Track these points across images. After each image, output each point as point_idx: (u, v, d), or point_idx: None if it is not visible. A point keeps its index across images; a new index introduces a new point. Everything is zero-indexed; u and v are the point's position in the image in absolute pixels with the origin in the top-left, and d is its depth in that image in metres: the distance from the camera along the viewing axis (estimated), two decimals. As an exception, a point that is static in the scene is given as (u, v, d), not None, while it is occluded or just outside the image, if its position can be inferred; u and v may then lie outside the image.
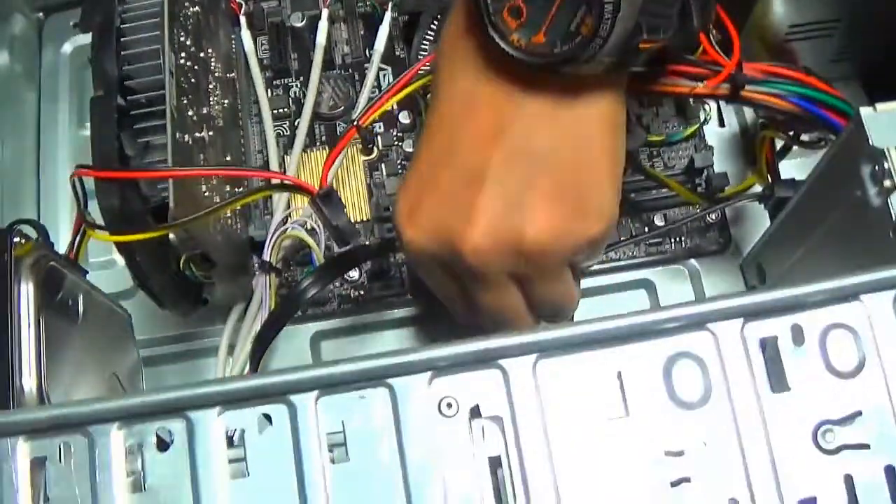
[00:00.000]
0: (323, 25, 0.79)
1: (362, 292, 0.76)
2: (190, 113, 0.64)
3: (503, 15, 0.50)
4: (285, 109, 0.81)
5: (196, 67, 0.67)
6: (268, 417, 0.46)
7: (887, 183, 0.53)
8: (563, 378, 0.47)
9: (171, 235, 0.63)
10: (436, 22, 0.76)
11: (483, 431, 0.46)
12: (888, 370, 0.47)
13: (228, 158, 0.72)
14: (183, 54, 0.65)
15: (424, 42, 0.76)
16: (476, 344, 0.47)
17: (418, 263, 0.59)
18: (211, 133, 0.68)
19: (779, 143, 0.70)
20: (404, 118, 0.78)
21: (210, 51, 0.71)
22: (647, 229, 0.76)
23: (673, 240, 0.77)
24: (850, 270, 0.58)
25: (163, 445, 0.45)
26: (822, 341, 0.47)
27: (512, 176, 0.53)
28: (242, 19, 0.80)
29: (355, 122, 0.64)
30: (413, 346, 0.45)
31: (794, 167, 0.73)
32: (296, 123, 0.79)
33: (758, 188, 0.71)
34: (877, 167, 0.53)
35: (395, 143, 0.79)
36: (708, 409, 0.46)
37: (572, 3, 0.48)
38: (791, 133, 0.65)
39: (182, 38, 0.65)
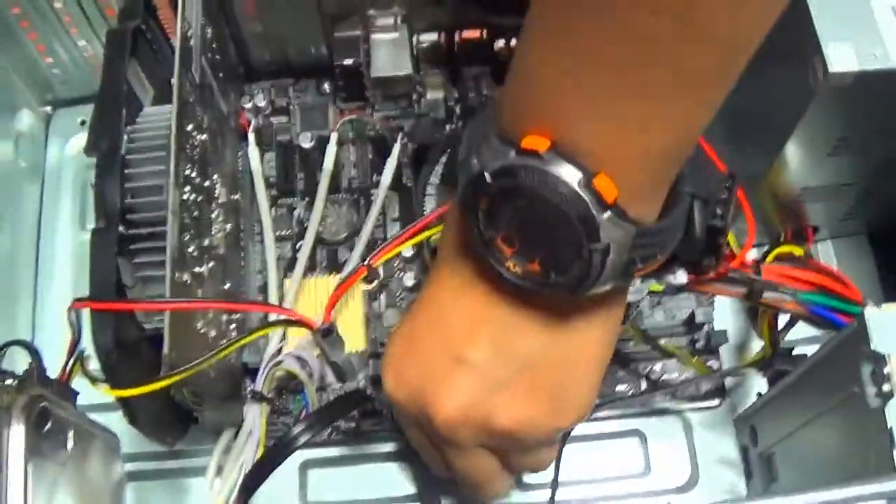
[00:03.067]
0: (331, 149, 0.79)
1: (353, 425, 0.76)
2: (191, 249, 0.64)
3: (497, 242, 0.50)
4: (288, 232, 0.80)
5: (200, 199, 0.66)
6: None
7: (886, 387, 0.52)
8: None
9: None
10: (445, 155, 0.76)
11: None
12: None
13: (227, 286, 0.72)
14: (187, 188, 0.64)
15: (431, 178, 0.76)
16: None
17: (396, 413, 0.62)
18: (211, 264, 0.68)
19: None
20: (407, 251, 0.77)
21: (215, 177, 0.71)
22: (642, 382, 0.76)
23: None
24: (845, 463, 0.58)
25: None
26: (809, 554, 0.47)
27: (496, 366, 0.54)
28: (251, 136, 0.80)
29: (366, 263, 0.64)
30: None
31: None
32: (298, 246, 0.79)
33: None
34: (876, 370, 0.53)
35: (397, 273, 0.78)
36: None
37: (561, 244, 0.48)
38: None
39: (188, 172, 0.64)
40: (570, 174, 0.45)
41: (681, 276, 0.57)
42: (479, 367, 0.54)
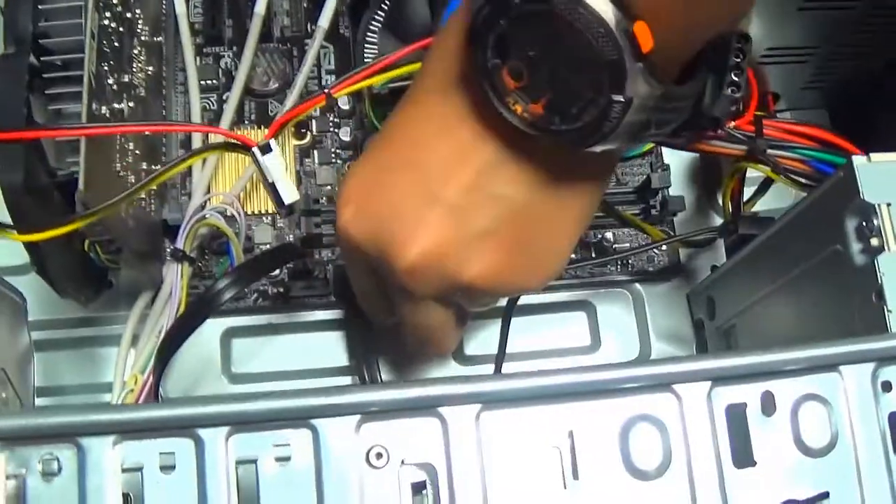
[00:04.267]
0: (263, -7, 0.73)
1: (282, 289, 0.71)
2: (110, 81, 0.58)
3: (502, 72, 0.44)
4: (214, 81, 0.74)
5: (121, 29, 0.61)
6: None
7: (875, 241, 0.49)
8: (510, 433, 0.43)
9: (77, 217, 0.57)
10: (387, 2, 0.71)
11: (415, 487, 0.42)
12: (860, 449, 0.43)
13: (148, 134, 0.66)
14: (108, 14, 0.58)
15: (373, 23, 0.70)
16: (414, 389, 0.42)
17: (345, 252, 0.55)
18: (132, 104, 0.62)
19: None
20: (343, 103, 0.72)
21: (138, 11, 0.65)
22: (592, 253, 0.72)
23: (618, 262, 0.73)
24: (820, 328, 0.55)
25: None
26: (793, 412, 0.44)
27: (475, 211, 0.49)
28: (175, -23, 0.73)
29: (327, 90, 0.58)
30: (341, 386, 0.40)
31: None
32: (224, 97, 0.73)
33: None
34: (864, 223, 0.49)
35: (331, 129, 0.73)
36: (665, 480, 0.43)
37: (577, 87, 0.43)
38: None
39: (108, -4, 0.58)
40: (608, 12, 0.41)
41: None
42: (456, 210, 0.49)
